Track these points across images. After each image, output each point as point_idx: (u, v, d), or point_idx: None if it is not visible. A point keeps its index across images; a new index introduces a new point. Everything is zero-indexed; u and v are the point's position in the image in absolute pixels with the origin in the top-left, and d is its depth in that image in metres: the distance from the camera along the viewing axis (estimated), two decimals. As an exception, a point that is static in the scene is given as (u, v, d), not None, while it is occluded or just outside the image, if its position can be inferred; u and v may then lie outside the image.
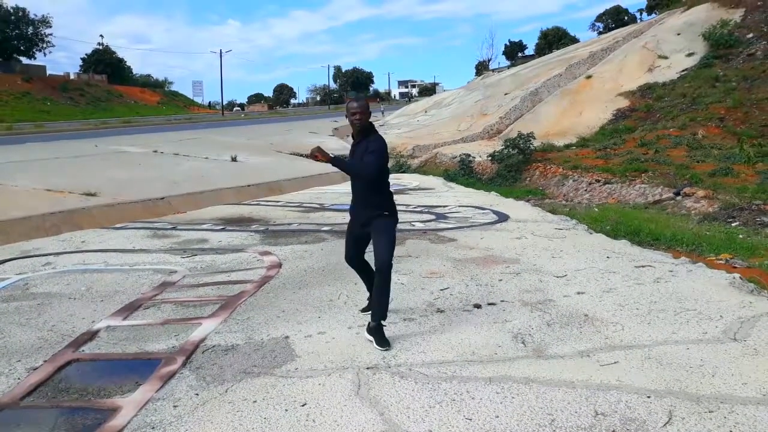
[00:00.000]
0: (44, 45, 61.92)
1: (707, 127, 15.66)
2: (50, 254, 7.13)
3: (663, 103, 18.94)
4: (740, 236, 7.70)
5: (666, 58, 22.64)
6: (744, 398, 3.16)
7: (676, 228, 8.18)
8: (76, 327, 4.55)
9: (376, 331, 4.06)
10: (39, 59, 63.03)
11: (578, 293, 5.10)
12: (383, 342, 4.01)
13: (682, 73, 20.80)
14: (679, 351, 3.80)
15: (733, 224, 8.74)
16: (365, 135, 4.14)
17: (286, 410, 3.16)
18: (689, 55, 22.04)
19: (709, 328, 4.18)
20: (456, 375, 3.52)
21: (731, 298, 4.85)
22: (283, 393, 3.36)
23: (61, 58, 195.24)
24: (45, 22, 60.94)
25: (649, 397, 3.19)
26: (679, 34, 23.91)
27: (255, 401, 3.27)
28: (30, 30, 60.41)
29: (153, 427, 3.03)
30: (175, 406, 3.24)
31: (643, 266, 5.96)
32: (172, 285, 5.70)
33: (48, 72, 64.10)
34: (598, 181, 13.17)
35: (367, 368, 3.65)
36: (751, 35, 21.28)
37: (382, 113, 47.62)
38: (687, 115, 16.88)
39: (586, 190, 13.12)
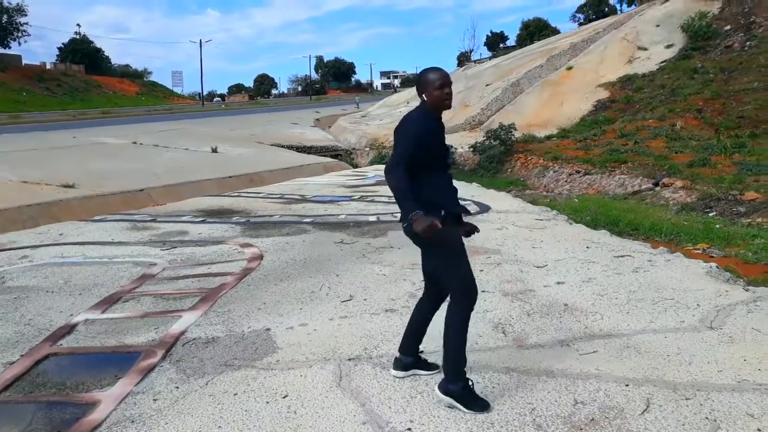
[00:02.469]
0: (19, 34, 60.51)
1: (686, 118, 15.84)
2: (27, 247, 7.02)
3: (642, 94, 19.10)
4: (717, 226, 7.81)
5: (646, 49, 22.84)
6: (720, 385, 3.21)
7: (654, 218, 8.27)
8: (53, 320, 4.49)
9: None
10: (14, 48, 61.75)
11: (558, 283, 5.15)
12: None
13: (662, 64, 21.00)
14: (657, 340, 3.85)
15: (710, 214, 8.86)
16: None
17: (268, 402, 3.15)
18: (668, 46, 22.25)
19: (687, 317, 4.24)
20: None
21: (708, 287, 4.92)
22: (264, 385, 3.35)
23: (37, 48, 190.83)
24: (20, 10, 59.51)
25: (627, 385, 3.23)
26: (658, 26, 24.12)
27: (236, 394, 3.26)
28: (4, 18, 59.04)
29: (133, 421, 3.00)
30: (155, 400, 3.22)
31: (622, 256, 6.02)
32: (152, 277, 5.64)
33: (24, 61, 62.82)
34: (579, 171, 13.27)
35: (349, 359, 3.65)
36: (728, 27, 21.53)
37: (357, 105, 47.53)
38: (666, 107, 17.06)
39: (566, 181, 13.22)
